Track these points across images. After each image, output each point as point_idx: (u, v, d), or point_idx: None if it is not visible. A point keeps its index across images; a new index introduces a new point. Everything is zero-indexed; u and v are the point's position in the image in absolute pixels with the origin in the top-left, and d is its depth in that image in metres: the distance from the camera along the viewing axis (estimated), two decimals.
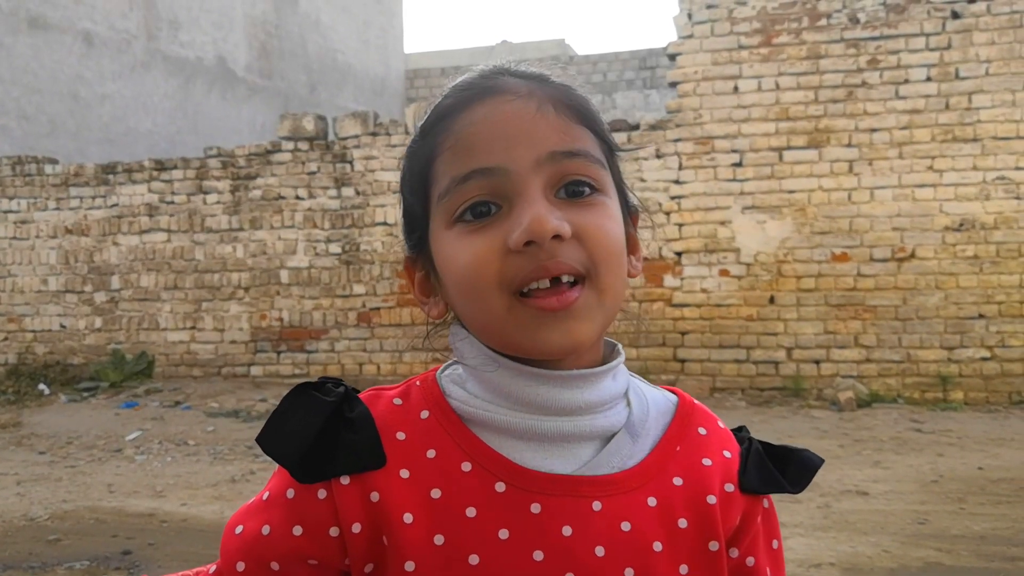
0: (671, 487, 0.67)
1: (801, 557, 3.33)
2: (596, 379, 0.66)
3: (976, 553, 3.38)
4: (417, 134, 0.69)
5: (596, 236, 0.63)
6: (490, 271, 0.62)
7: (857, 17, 6.71)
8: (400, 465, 0.65)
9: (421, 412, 0.68)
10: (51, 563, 3.47)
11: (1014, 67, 6.47)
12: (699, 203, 6.95)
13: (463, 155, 0.64)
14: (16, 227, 8.35)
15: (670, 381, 6.91)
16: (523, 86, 0.66)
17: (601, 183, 0.66)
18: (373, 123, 7.68)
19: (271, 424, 0.67)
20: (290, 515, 0.65)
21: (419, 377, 0.71)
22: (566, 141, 0.64)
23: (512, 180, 0.63)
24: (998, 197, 6.49)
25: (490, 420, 0.66)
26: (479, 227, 0.63)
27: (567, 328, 0.62)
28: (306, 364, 7.76)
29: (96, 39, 10.03)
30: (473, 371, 0.68)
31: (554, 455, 0.65)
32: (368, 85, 14.18)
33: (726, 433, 0.73)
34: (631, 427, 0.68)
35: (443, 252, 0.66)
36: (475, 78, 0.68)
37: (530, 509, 0.64)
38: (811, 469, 0.73)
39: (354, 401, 0.68)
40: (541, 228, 0.60)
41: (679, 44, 7.04)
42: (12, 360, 8.32)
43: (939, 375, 6.55)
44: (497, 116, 0.64)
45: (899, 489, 4.31)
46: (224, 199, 7.93)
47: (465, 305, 0.66)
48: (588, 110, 0.68)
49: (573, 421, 0.65)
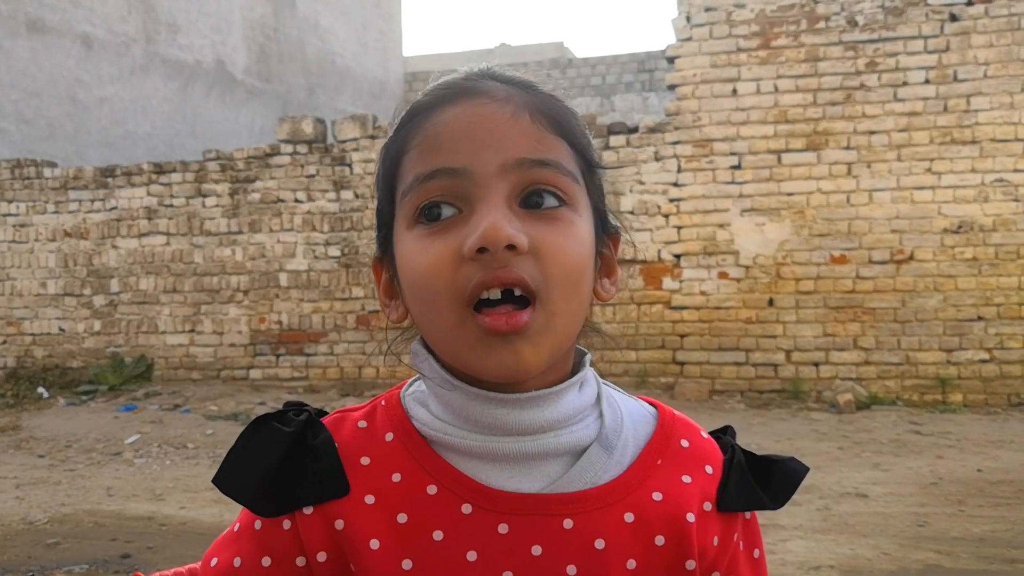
0: (649, 502, 0.65)
1: (800, 559, 3.33)
2: (557, 396, 0.64)
3: (976, 555, 3.37)
4: (393, 129, 0.67)
5: (552, 254, 0.60)
6: (443, 278, 0.60)
7: (855, 20, 6.72)
8: (365, 491, 0.64)
9: (386, 435, 0.66)
10: (50, 567, 3.46)
11: (1012, 69, 6.48)
12: (698, 205, 6.95)
13: (429, 153, 0.62)
14: (15, 230, 8.35)
15: (669, 383, 6.91)
16: (502, 90, 0.64)
17: (571, 197, 0.63)
18: (372, 126, 7.68)
19: (228, 461, 0.66)
20: (259, 547, 0.65)
21: (384, 396, 0.70)
22: (537, 149, 0.62)
23: (475, 183, 0.61)
24: (996, 199, 6.49)
25: (452, 442, 0.64)
26: (436, 230, 0.61)
27: (515, 350, 0.60)
28: (305, 367, 7.76)
29: (95, 42, 10.03)
30: (433, 390, 0.66)
31: (521, 474, 0.64)
32: (367, 88, 14.19)
33: (710, 444, 0.71)
34: (604, 440, 0.66)
35: (402, 253, 0.64)
36: (457, 79, 0.66)
37: (497, 530, 0.63)
38: (794, 481, 0.71)
39: (317, 427, 0.67)
40: (495, 235, 0.58)
41: (678, 47, 7.05)
42: (11, 363, 8.32)
43: (938, 377, 6.55)
44: (468, 117, 0.62)
45: (898, 491, 4.31)
46: (223, 202, 7.93)
47: (420, 312, 0.64)
48: (568, 122, 0.65)
49: (536, 440, 0.63)
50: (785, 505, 0.71)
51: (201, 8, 11.32)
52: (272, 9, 12.49)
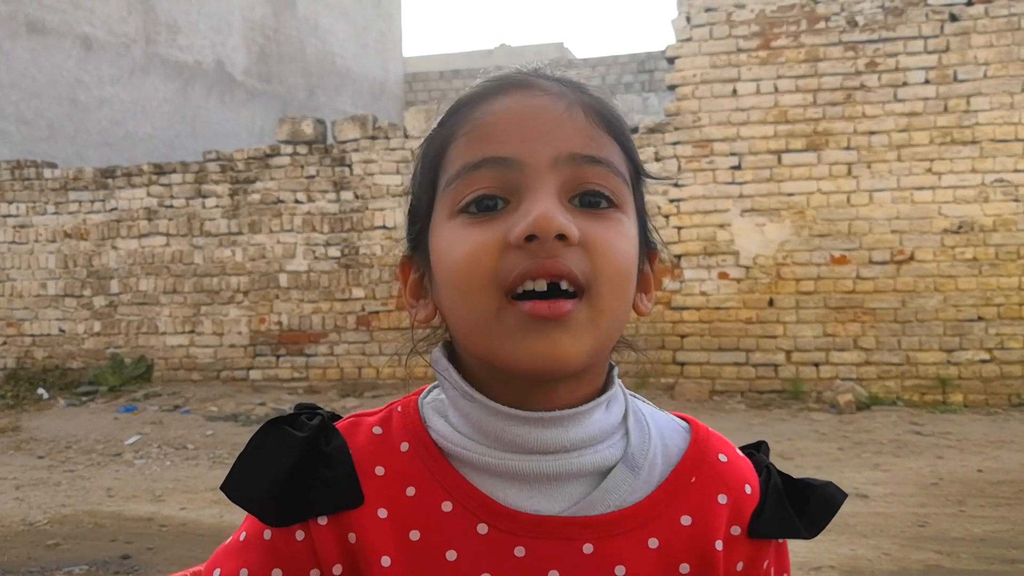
0: (677, 527, 0.62)
1: (801, 560, 3.33)
2: (583, 416, 0.61)
3: (976, 555, 3.37)
4: (437, 122, 0.65)
5: (603, 248, 0.58)
6: (485, 266, 0.57)
7: (855, 20, 6.72)
8: (378, 504, 0.61)
9: (401, 444, 0.64)
10: (50, 567, 3.46)
11: (1012, 69, 6.48)
12: (698, 206, 6.95)
13: (478, 142, 0.60)
14: (15, 231, 8.35)
15: (669, 384, 6.91)
16: (555, 86, 0.63)
17: (620, 199, 0.61)
18: (372, 127, 7.68)
19: (238, 467, 0.63)
20: (268, 558, 0.63)
21: (401, 401, 0.67)
22: (591, 147, 0.60)
23: (525, 174, 0.58)
24: (997, 199, 6.49)
25: (470, 458, 0.62)
26: (482, 220, 0.59)
27: (555, 340, 0.57)
28: (305, 368, 7.76)
29: (95, 43, 10.03)
30: (453, 402, 0.64)
31: (541, 494, 0.61)
32: (367, 89, 14.19)
33: (745, 463, 0.67)
34: (629, 460, 0.63)
35: (439, 243, 0.61)
36: (508, 72, 0.65)
37: (514, 552, 0.60)
38: (832, 508, 0.67)
39: (331, 433, 0.64)
40: (546, 223, 0.56)
41: (678, 47, 7.05)
42: (11, 364, 8.32)
43: (938, 377, 6.54)
44: (520, 108, 0.61)
45: (899, 492, 4.31)
46: (223, 203, 7.93)
47: (454, 304, 0.61)
48: (621, 124, 0.64)
49: (557, 460, 0.61)
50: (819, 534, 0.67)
51: (201, 9, 11.32)
52: (272, 10, 12.49)
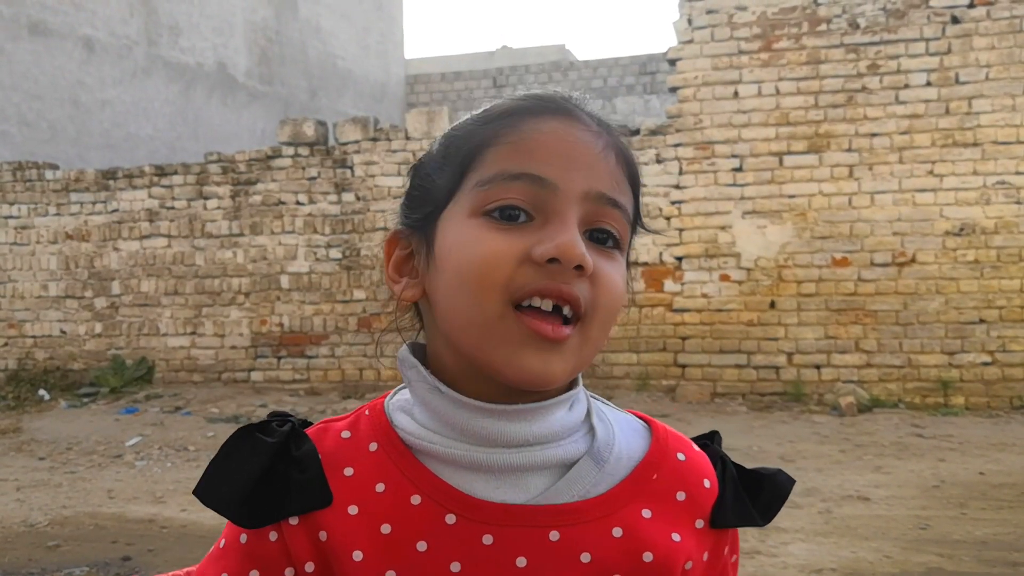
0: (639, 519, 0.65)
1: (802, 563, 3.33)
2: (546, 412, 0.65)
3: (978, 558, 3.37)
4: (474, 120, 0.68)
5: (607, 284, 0.64)
6: (500, 272, 0.61)
7: (857, 22, 6.72)
8: (348, 501, 0.64)
9: (370, 444, 0.67)
10: (51, 569, 3.47)
11: (1014, 72, 6.48)
12: (699, 208, 6.95)
13: (521, 155, 0.64)
14: (16, 232, 8.36)
15: (671, 386, 6.91)
16: (595, 124, 0.67)
17: (623, 243, 0.67)
18: (373, 128, 7.69)
19: (210, 472, 0.65)
20: (246, 560, 0.66)
21: (368, 405, 0.70)
22: (616, 190, 0.65)
23: (557, 199, 0.63)
24: (998, 202, 6.49)
25: (437, 451, 0.64)
26: (504, 228, 0.62)
27: (548, 360, 0.61)
28: (306, 370, 7.76)
29: (97, 45, 10.05)
30: (419, 398, 0.67)
31: (507, 485, 0.64)
32: (368, 91, 14.20)
33: (703, 458, 0.71)
34: (595, 453, 0.66)
35: (455, 237, 0.64)
36: (552, 94, 0.68)
37: (482, 541, 0.63)
38: (782, 495, 0.71)
39: (301, 438, 0.67)
40: (571, 251, 0.61)
41: (679, 49, 7.05)
42: (12, 366, 8.32)
43: (940, 380, 6.54)
44: (567, 135, 0.65)
45: (900, 494, 4.30)
46: (224, 204, 7.93)
47: (457, 297, 0.63)
48: (638, 175, 0.69)
49: (522, 453, 0.64)
50: (782, 513, 0.72)
51: (203, 11, 11.34)
52: (274, 12, 12.51)
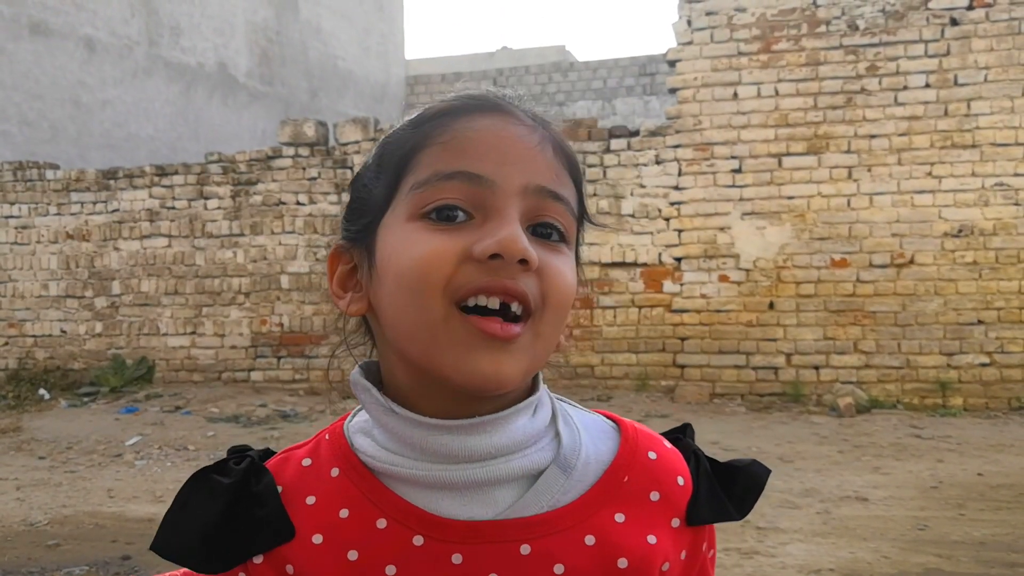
0: (612, 524, 0.63)
1: (800, 563, 3.33)
2: (505, 421, 0.62)
3: (976, 559, 3.37)
4: (406, 125, 0.67)
5: (554, 278, 0.61)
6: (440, 273, 0.59)
7: (856, 24, 6.74)
8: (312, 531, 0.62)
9: (331, 470, 0.65)
10: (50, 568, 3.47)
11: (1012, 73, 6.49)
12: (698, 209, 6.96)
13: (454, 154, 0.62)
14: (17, 232, 8.37)
15: (670, 387, 6.92)
16: (529, 118, 0.66)
17: (569, 237, 0.65)
18: (374, 129, 7.70)
19: (167, 524, 0.63)
20: None
21: (328, 429, 0.69)
22: (556, 182, 0.64)
23: (495, 195, 0.61)
24: (997, 203, 6.50)
25: (399, 472, 0.63)
26: (442, 228, 0.61)
27: (497, 360, 0.59)
28: (306, 369, 7.77)
29: (98, 45, 10.06)
30: (376, 420, 0.65)
31: (474, 501, 0.62)
32: (369, 91, 14.21)
33: (675, 455, 0.69)
34: (561, 461, 0.64)
35: (394, 243, 0.62)
36: (485, 92, 0.67)
37: (451, 560, 0.61)
38: (757, 487, 0.70)
39: (261, 473, 0.65)
40: (513, 246, 0.59)
41: (679, 51, 7.06)
42: (12, 365, 8.33)
43: (938, 381, 6.55)
44: (500, 131, 0.63)
45: (899, 495, 4.31)
46: (225, 205, 7.94)
47: (399, 304, 0.61)
48: (578, 167, 0.68)
49: (485, 467, 0.62)
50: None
51: (204, 11, 11.35)
52: (274, 12, 12.52)
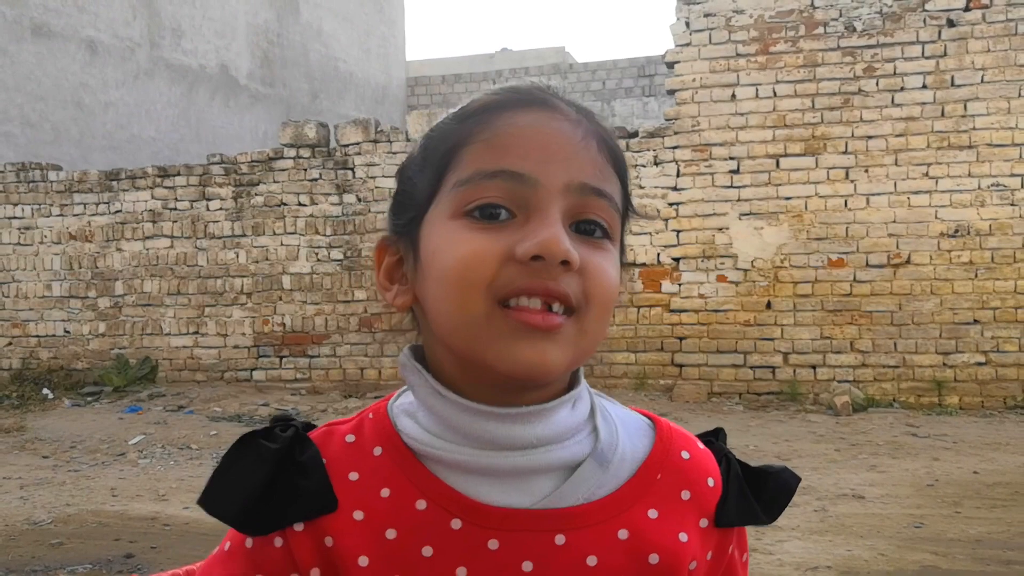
0: (645, 520, 0.64)
1: (797, 560, 3.36)
2: (549, 413, 0.63)
3: (972, 557, 3.39)
4: (450, 118, 0.66)
5: (597, 277, 0.62)
6: (484, 272, 0.59)
7: (853, 26, 6.77)
8: (353, 507, 0.63)
9: (374, 449, 0.66)
10: (54, 567, 3.49)
11: (1009, 74, 6.52)
12: (697, 210, 7.00)
13: (496, 152, 0.62)
14: (20, 233, 8.40)
15: (668, 386, 6.95)
16: (573, 112, 0.65)
17: (613, 232, 0.65)
18: (374, 130, 7.74)
19: (214, 480, 0.64)
20: (250, 565, 0.65)
21: (372, 408, 0.69)
22: (599, 179, 0.63)
23: (537, 194, 0.61)
24: (993, 204, 6.53)
25: (441, 456, 0.63)
26: (485, 227, 0.61)
27: (542, 349, 0.59)
28: (308, 369, 7.80)
29: (100, 47, 10.09)
30: (423, 402, 0.66)
31: (512, 488, 0.63)
32: (369, 93, 14.24)
33: (707, 456, 0.70)
34: (599, 455, 0.65)
35: (437, 240, 0.63)
36: (528, 87, 0.66)
37: (487, 545, 0.62)
38: (787, 493, 0.70)
39: (305, 443, 0.66)
40: (555, 247, 0.59)
41: (677, 52, 7.09)
42: (16, 365, 8.37)
43: (935, 380, 6.58)
44: (542, 127, 0.63)
45: (895, 493, 4.34)
46: (227, 206, 7.98)
47: (442, 300, 0.62)
48: (623, 160, 0.67)
49: (526, 456, 0.63)
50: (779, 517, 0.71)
51: (205, 13, 11.38)
52: (276, 15, 12.55)
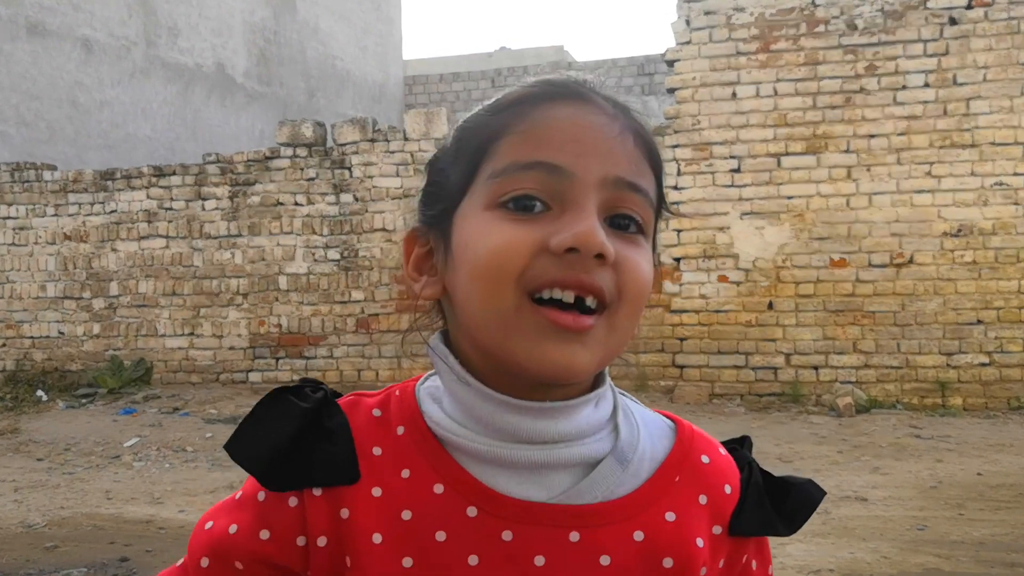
0: (662, 522, 0.64)
1: (800, 563, 3.33)
2: (572, 410, 0.63)
3: (975, 559, 3.38)
4: (484, 110, 0.66)
5: (631, 271, 0.62)
6: (515, 264, 0.59)
7: (855, 23, 6.73)
8: (373, 483, 0.63)
9: (398, 428, 0.66)
10: (48, 570, 3.47)
11: (1012, 73, 6.49)
12: (698, 209, 6.96)
13: (533, 143, 0.62)
14: (15, 233, 8.35)
15: (669, 387, 6.91)
16: (609, 106, 0.65)
17: (647, 228, 0.65)
18: (372, 129, 7.69)
19: (242, 429, 0.65)
20: (259, 519, 0.65)
21: (399, 386, 0.69)
22: (635, 173, 0.63)
23: (573, 186, 0.60)
24: (996, 203, 6.50)
25: (462, 444, 0.64)
26: (520, 218, 0.60)
27: (571, 351, 0.59)
28: (304, 370, 7.76)
29: (95, 46, 10.04)
30: (448, 388, 0.66)
31: (530, 482, 0.63)
32: (367, 91, 14.20)
33: (727, 462, 0.70)
34: (619, 454, 0.65)
35: (470, 231, 0.62)
36: (564, 79, 0.66)
37: (501, 536, 0.62)
38: (810, 506, 0.70)
39: (333, 408, 0.66)
40: (591, 240, 0.59)
41: (677, 50, 7.06)
42: (10, 366, 8.32)
43: (938, 381, 6.55)
44: (580, 120, 0.63)
45: (898, 495, 4.31)
46: (223, 205, 7.93)
47: (472, 291, 0.62)
48: (659, 156, 0.67)
49: (546, 450, 0.63)
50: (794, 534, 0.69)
51: (201, 12, 11.34)
52: (272, 13, 12.51)
